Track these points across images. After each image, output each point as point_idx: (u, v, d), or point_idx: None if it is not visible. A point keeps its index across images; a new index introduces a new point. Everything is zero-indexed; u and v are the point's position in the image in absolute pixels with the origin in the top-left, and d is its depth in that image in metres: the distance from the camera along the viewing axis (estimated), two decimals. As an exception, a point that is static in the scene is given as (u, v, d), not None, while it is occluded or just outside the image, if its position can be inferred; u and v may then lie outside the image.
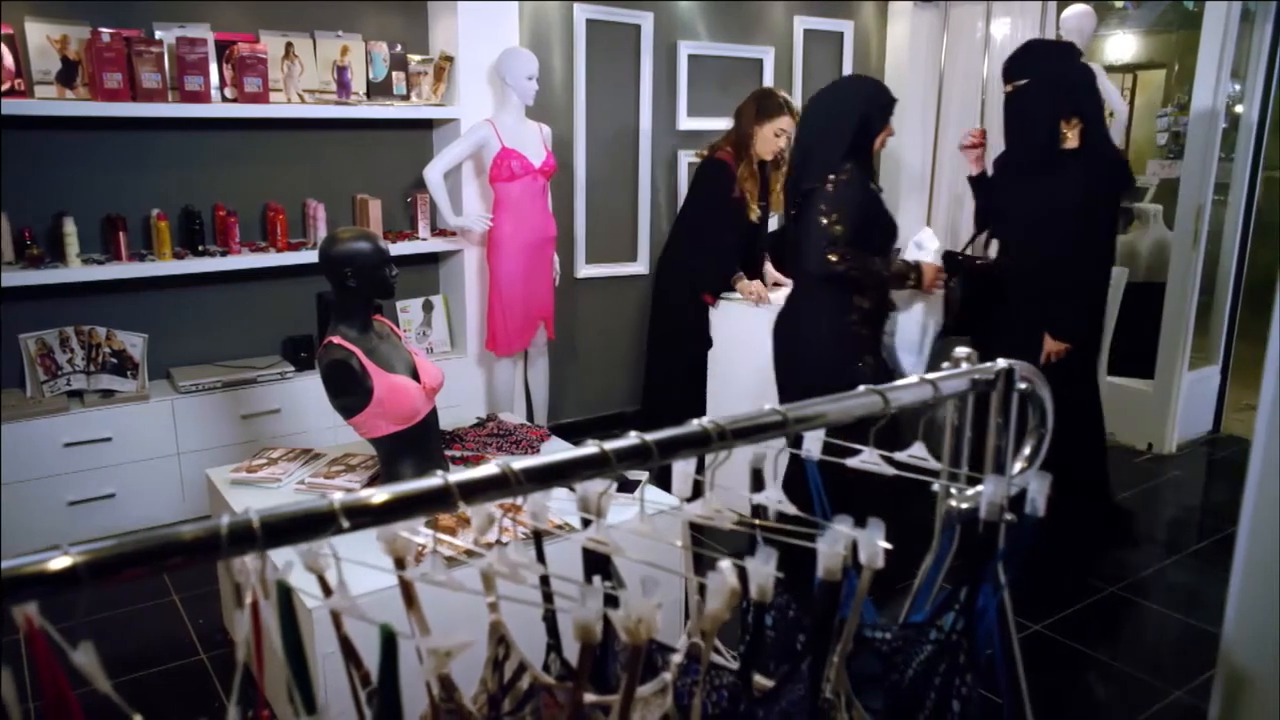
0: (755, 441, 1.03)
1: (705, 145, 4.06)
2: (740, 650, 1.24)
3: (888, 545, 0.95)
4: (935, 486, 1.28)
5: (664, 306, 4.07)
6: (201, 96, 3.37)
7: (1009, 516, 1.14)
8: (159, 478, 3.43)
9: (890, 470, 1.17)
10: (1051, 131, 2.96)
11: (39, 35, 3.16)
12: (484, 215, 3.81)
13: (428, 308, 4.10)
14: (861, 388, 1.13)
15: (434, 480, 0.78)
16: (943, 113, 5.14)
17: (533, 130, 3.80)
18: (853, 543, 0.95)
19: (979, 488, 1.23)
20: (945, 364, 1.28)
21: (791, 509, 1.06)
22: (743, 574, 0.88)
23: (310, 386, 3.62)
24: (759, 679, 1.06)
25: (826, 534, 0.93)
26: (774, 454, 1.09)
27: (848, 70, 5.11)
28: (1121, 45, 6.23)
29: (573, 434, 3.14)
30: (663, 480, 1.24)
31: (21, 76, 3.14)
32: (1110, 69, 5.77)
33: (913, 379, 1.19)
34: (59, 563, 0.62)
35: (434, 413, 2.45)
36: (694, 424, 0.97)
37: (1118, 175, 3.09)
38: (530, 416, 4.12)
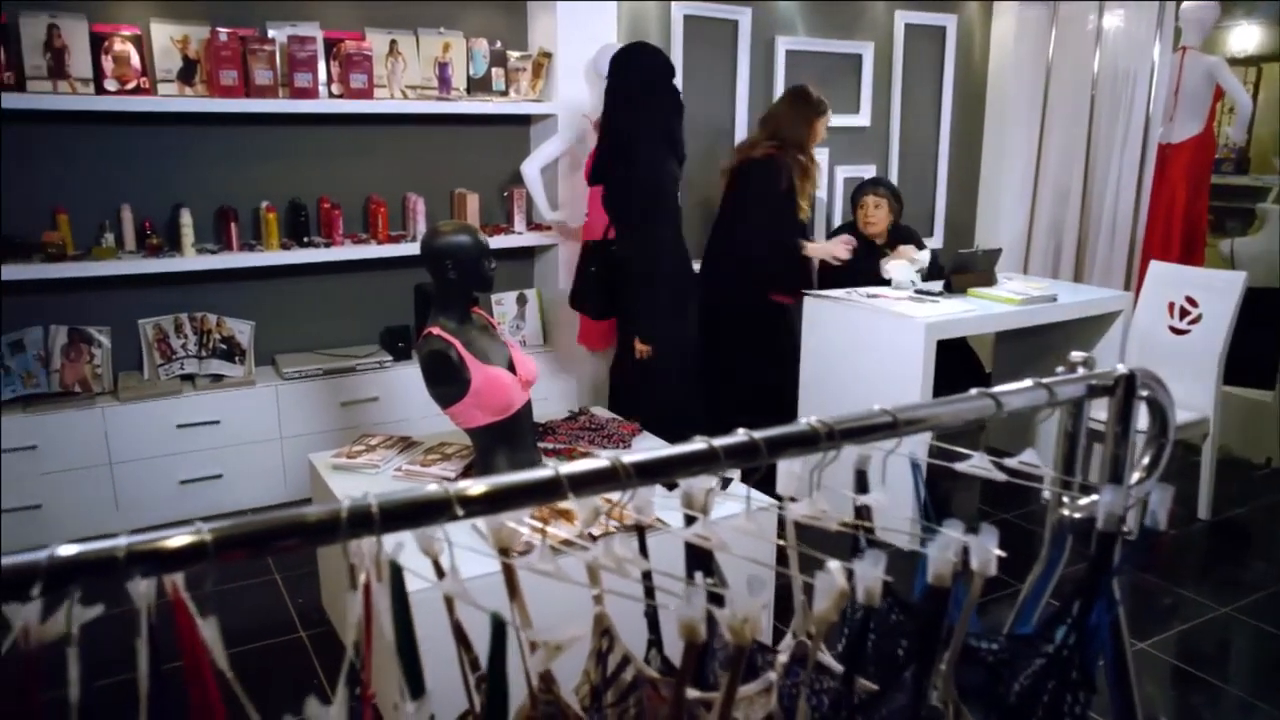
0: (863, 442, 1.01)
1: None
2: (839, 652, 1.22)
3: (1001, 552, 0.92)
4: (1046, 494, 1.24)
5: (738, 310, 4.00)
6: (310, 93, 3.48)
7: (1127, 529, 1.09)
8: (263, 460, 3.56)
9: (1000, 475, 1.13)
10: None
11: (163, 36, 3.31)
12: (580, 210, 3.83)
13: (521, 301, 4.16)
14: (974, 391, 1.10)
15: (545, 471, 0.78)
16: (1049, 108, 4.97)
17: (629, 126, 3.80)
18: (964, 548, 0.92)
19: (1092, 497, 1.18)
20: (1060, 368, 1.23)
21: (898, 511, 1.03)
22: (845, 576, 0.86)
23: (407, 375, 3.71)
24: (861, 683, 1.03)
25: (938, 539, 0.90)
26: (882, 456, 1.07)
27: (950, 66, 4.98)
28: (1245, 36, 5.93)
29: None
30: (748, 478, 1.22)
31: (146, 75, 3.29)
32: (1233, 61, 5.51)
33: (1027, 383, 1.15)
34: (194, 539, 0.64)
35: (528, 405, 2.48)
36: (802, 423, 0.95)
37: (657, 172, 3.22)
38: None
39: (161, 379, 3.50)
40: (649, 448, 2.80)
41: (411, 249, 3.70)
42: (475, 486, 0.74)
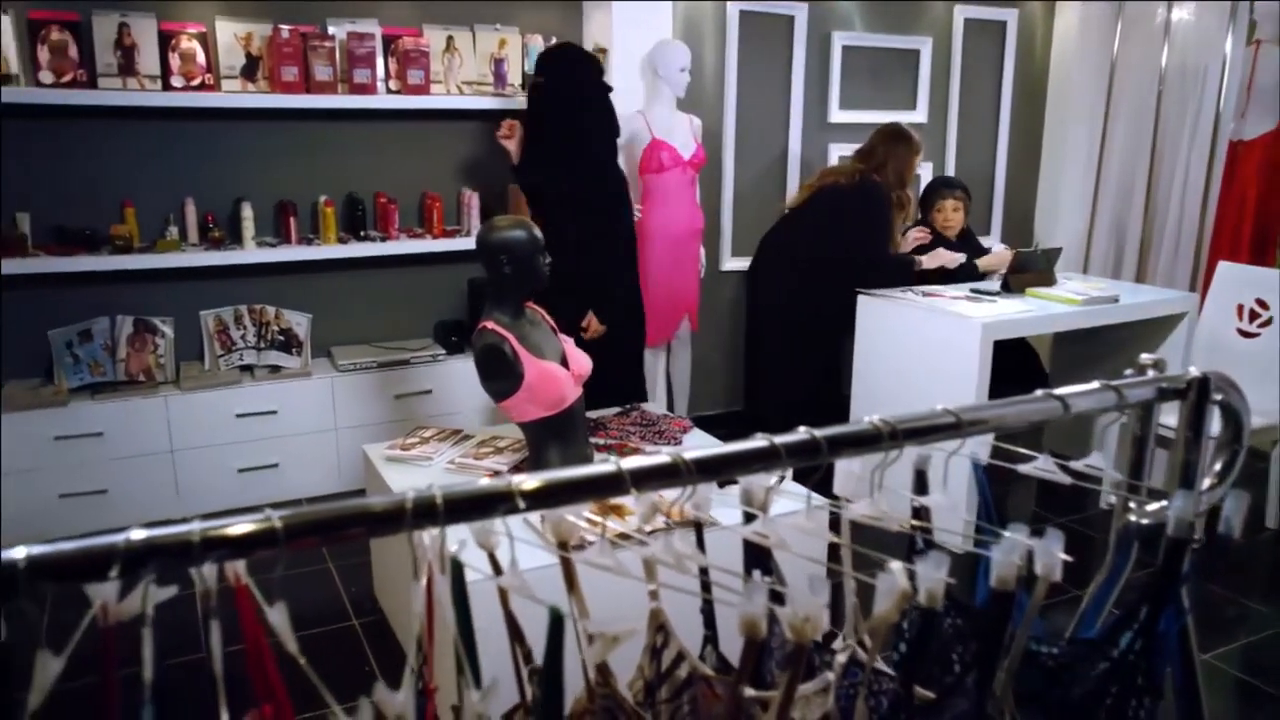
0: (925, 443, 1.00)
1: (856, 138, 3.96)
2: (896, 655, 1.20)
3: (1067, 557, 0.90)
4: (1112, 499, 1.21)
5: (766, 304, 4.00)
6: (368, 88, 3.53)
7: (1197, 536, 1.06)
8: (318, 451, 3.62)
9: (1066, 479, 1.11)
10: None
11: (228, 33, 3.38)
12: (633, 206, 3.83)
13: (573, 297, 4.17)
14: (1039, 392, 1.07)
15: (607, 466, 0.78)
16: (1113, 105, 4.85)
17: (683, 122, 3.81)
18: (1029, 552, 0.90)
19: (1160, 503, 1.15)
20: (1129, 370, 1.20)
21: (960, 513, 1.01)
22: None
23: (460, 369, 3.75)
24: (919, 689, 1.02)
25: (1002, 542, 0.89)
26: (945, 456, 1.05)
27: (1010, 62, 4.89)
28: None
29: (712, 426, 3.12)
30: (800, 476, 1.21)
31: (211, 72, 3.36)
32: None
33: (1094, 384, 1.12)
34: (265, 525, 0.65)
35: (581, 400, 2.49)
36: (864, 422, 0.94)
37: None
38: (670, 407, 4.14)
39: (221, 369, 3.57)
40: (700, 444, 2.79)
41: (465, 244, 3.73)
42: (538, 480, 0.75)
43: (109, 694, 0.70)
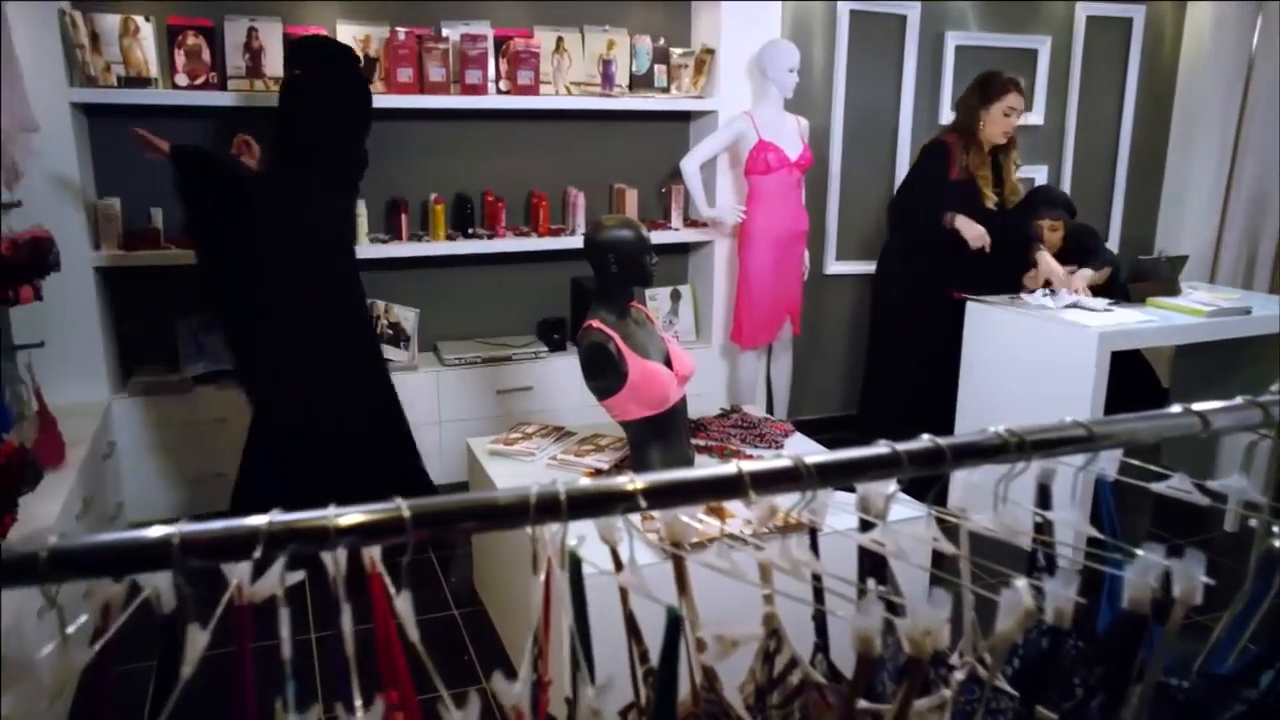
0: (1054, 455, 0.96)
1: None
2: (1009, 672, 1.16)
3: (1209, 580, 0.85)
4: (1253, 523, 1.14)
5: (884, 304, 3.93)
6: (479, 89, 3.60)
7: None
8: (422, 442, 3.68)
9: (1204, 500, 1.05)
10: None
11: (348, 36, 3.49)
12: (737, 207, 3.81)
13: (675, 297, 4.18)
14: (1177, 407, 1.02)
15: (727, 468, 0.78)
16: (1248, 106, 4.60)
17: (790, 123, 3.77)
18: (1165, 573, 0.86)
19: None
20: (1275, 386, 1.13)
21: (1092, 531, 0.97)
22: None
23: (561, 366, 3.79)
24: (1041, 711, 0.98)
25: (1138, 561, 0.85)
26: (1076, 471, 1.01)
27: (1135, 61, 4.68)
28: None
29: (812, 431, 3.08)
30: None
31: (331, 71, 3.48)
32: None
33: (1238, 400, 1.06)
34: (394, 514, 0.67)
35: (683, 400, 2.49)
36: (989, 432, 0.91)
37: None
38: (770, 410, 4.10)
39: (334, 361, 3.69)
40: (802, 449, 2.76)
41: (570, 242, 3.78)
42: (658, 479, 0.75)
43: (244, 669, 0.72)
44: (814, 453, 0.83)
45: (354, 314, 3.11)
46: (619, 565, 0.83)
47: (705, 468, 0.77)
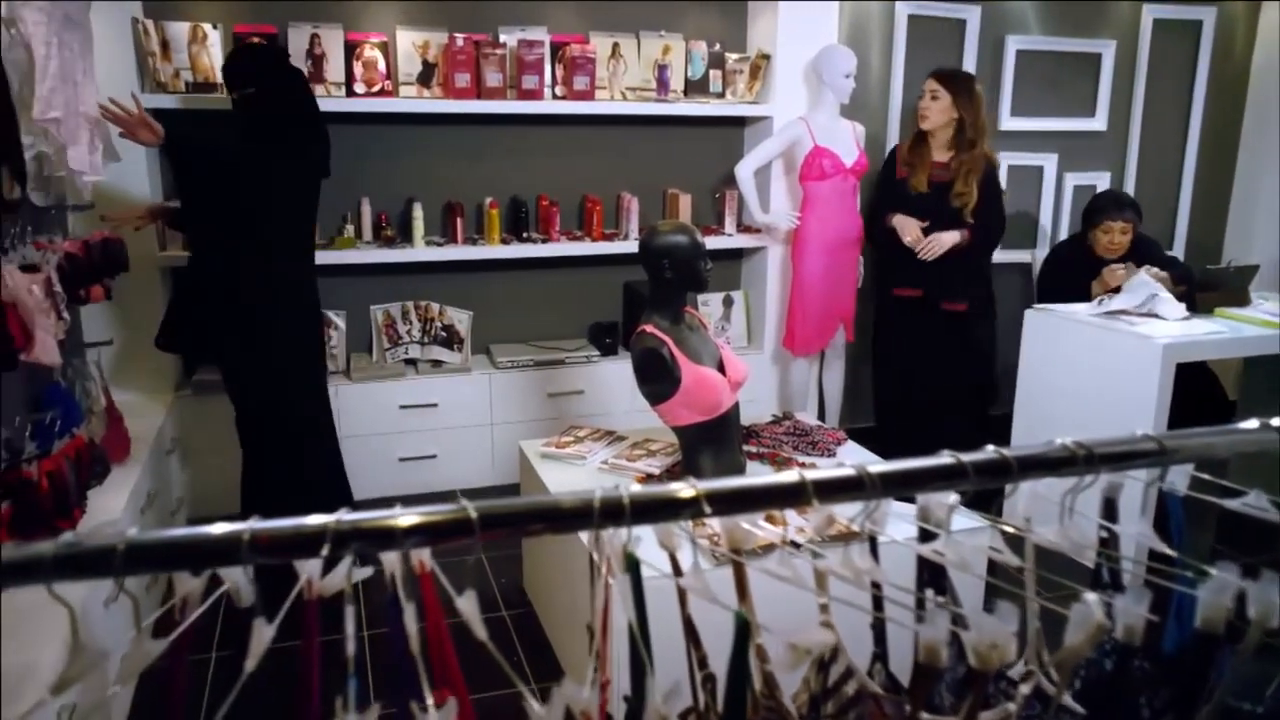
0: (1123, 469, 0.94)
1: (1028, 146, 3.81)
2: (1074, 691, 1.13)
3: (1283, 602, 0.83)
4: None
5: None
6: (536, 94, 3.63)
7: None
8: (474, 444, 3.74)
9: (1280, 518, 1.01)
10: None
11: (407, 42, 3.54)
12: (792, 213, 3.79)
13: (728, 302, 4.16)
14: (1254, 422, 0.99)
15: (789, 476, 0.77)
16: (1322, 112, 4.46)
17: (846, 129, 3.74)
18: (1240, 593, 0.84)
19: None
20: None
21: (1164, 547, 0.95)
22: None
23: (613, 371, 3.80)
24: (1106, 730, 0.96)
25: (1212, 580, 0.82)
26: (1146, 486, 0.98)
27: (1204, 65, 4.56)
28: None
29: (864, 439, 3.04)
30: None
31: (390, 78, 3.54)
32: None
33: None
34: (460, 514, 0.67)
35: (736, 406, 2.48)
36: (1057, 443, 0.90)
37: None
38: (821, 417, 4.07)
39: (388, 362, 3.75)
40: (853, 456, 2.73)
41: (624, 247, 3.79)
42: (722, 486, 0.74)
43: (311, 664, 0.73)
44: (870, 461, 0.82)
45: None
46: (677, 570, 0.82)
47: (768, 475, 0.76)
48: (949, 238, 3.48)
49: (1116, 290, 3.40)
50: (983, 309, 3.75)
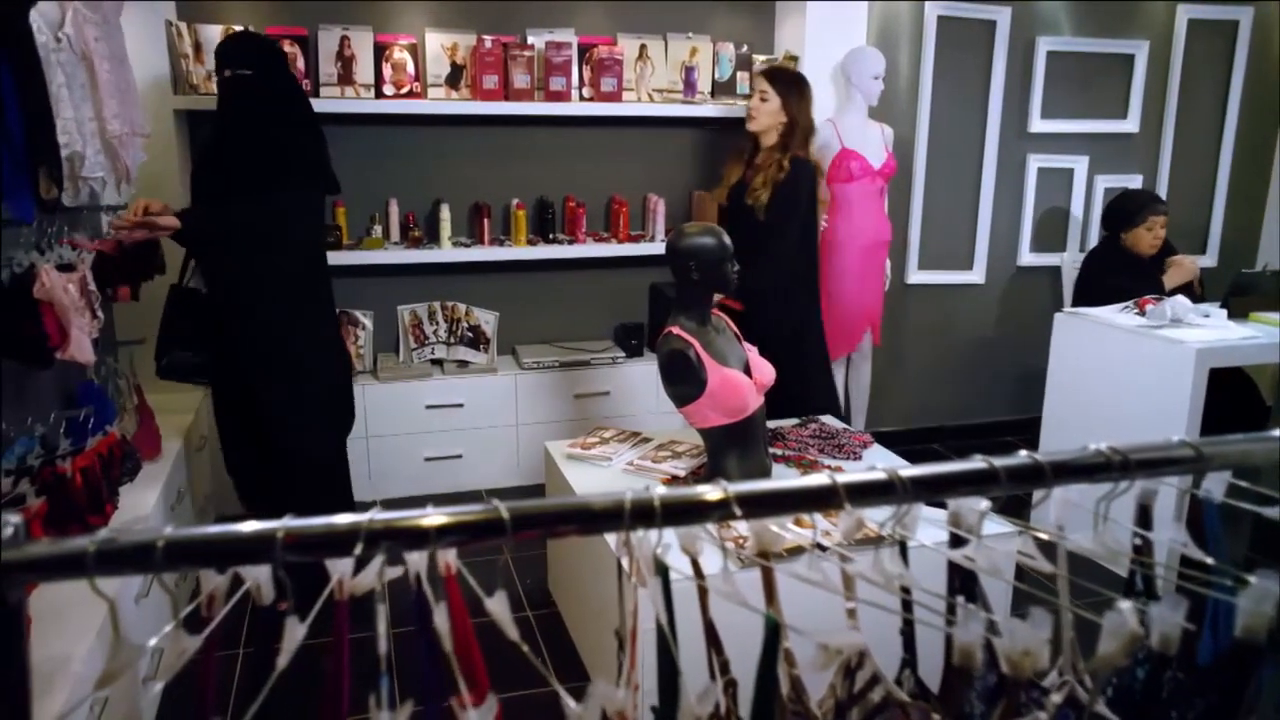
0: (1158, 475, 0.92)
1: (1058, 148, 3.76)
2: (1105, 700, 1.12)
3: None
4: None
5: None
6: (563, 96, 3.64)
7: None
8: (499, 444, 3.75)
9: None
10: None
11: (435, 44, 3.56)
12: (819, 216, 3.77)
13: (752, 305, 4.15)
14: (1294, 428, 0.97)
15: (820, 479, 0.77)
16: (1361, 114, 4.38)
17: (874, 131, 3.72)
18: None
19: None
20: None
21: (1202, 555, 0.93)
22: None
23: (638, 372, 3.80)
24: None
25: (1252, 588, 0.81)
26: (1181, 493, 0.97)
27: (1240, 65, 4.49)
28: None
29: (890, 443, 3.02)
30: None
31: (419, 80, 3.56)
32: None
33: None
34: (492, 515, 0.67)
35: (762, 409, 2.47)
36: (1091, 449, 0.89)
37: None
38: (848, 420, 4.04)
39: (414, 362, 3.77)
40: (880, 460, 2.71)
41: (650, 249, 3.79)
42: (753, 489, 0.74)
43: (341, 662, 0.74)
44: (899, 466, 0.82)
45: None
46: (699, 573, 0.82)
47: (798, 478, 0.76)
48: None
49: (1187, 286, 3.58)
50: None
